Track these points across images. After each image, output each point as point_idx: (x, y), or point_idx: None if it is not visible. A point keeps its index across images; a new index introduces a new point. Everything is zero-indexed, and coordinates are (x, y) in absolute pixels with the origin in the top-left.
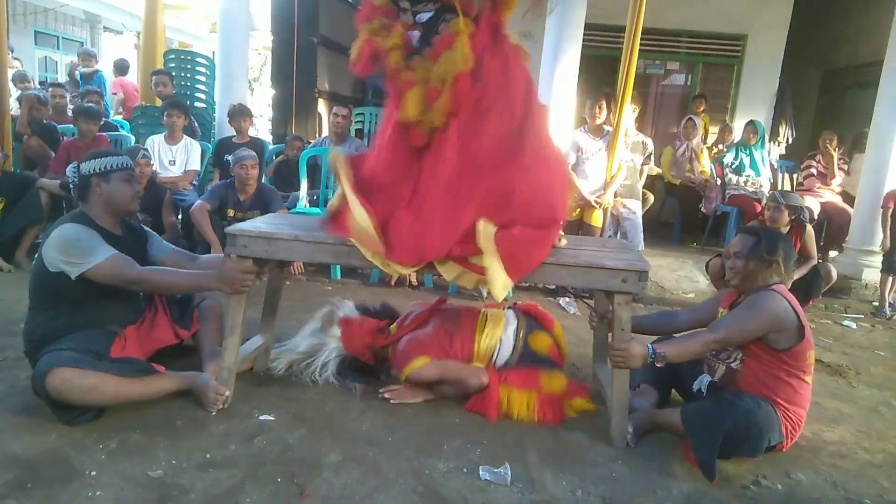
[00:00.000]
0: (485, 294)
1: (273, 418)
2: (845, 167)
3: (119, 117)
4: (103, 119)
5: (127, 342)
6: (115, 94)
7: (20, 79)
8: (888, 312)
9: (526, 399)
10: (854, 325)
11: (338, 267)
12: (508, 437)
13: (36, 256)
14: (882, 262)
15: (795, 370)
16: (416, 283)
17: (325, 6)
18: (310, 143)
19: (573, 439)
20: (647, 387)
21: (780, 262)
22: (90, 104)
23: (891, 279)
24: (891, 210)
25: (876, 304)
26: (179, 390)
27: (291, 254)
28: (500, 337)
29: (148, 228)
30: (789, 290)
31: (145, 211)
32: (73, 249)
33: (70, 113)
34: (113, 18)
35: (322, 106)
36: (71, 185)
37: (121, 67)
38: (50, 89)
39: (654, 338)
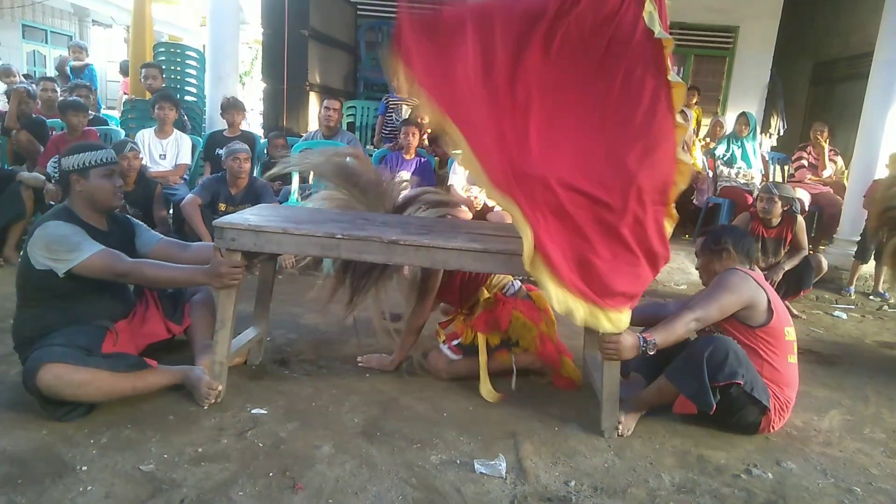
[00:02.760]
0: None
1: (265, 412)
2: (836, 158)
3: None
4: (92, 113)
5: (118, 337)
6: (125, 93)
7: (4, 73)
8: (852, 291)
9: (532, 329)
10: (844, 316)
11: (330, 261)
12: (501, 428)
13: (21, 254)
14: (856, 249)
15: (775, 348)
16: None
17: None
18: (301, 136)
19: (565, 430)
20: (637, 375)
21: (729, 249)
22: (77, 98)
23: (862, 266)
24: (870, 199)
25: (868, 292)
26: (171, 385)
27: (280, 247)
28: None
29: (135, 220)
30: (781, 280)
31: (136, 205)
32: (58, 246)
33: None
34: (102, 12)
35: (313, 99)
36: (52, 181)
37: (126, 68)
38: (40, 83)
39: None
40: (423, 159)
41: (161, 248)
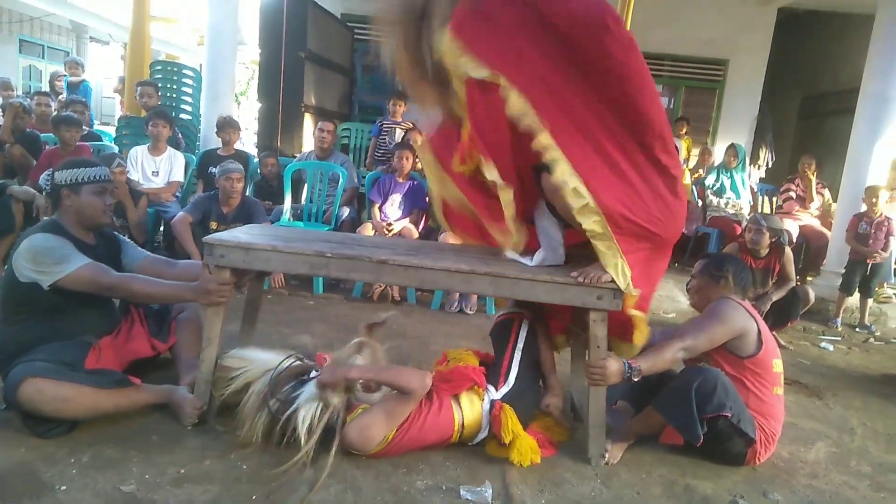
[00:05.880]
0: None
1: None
2: (823, 191)
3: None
4: (86, 128)
5: (102, 353)
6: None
7: (3, 86)
8: (838, 323)
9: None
10: (831, 347)
11: (320, 281)
12: (487, 455)
13: (6, 267)
14: (841, 282)
15: (762, 379)
16: (399, 298)
17: (314, 21)
18: (294, 157)
19: (552, 458)
20: (623, 404)
21: (728, 278)
22: (70, 113)
23: (848, 298)
24: (851, 233)
25: (854, 324)
26: (155, 403)
27: (269, 264)
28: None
29: (122, 237)
30: (768, 311)
31: (118, 216)
32: (44, 258)
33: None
34: (100, 29)
35: (308, 120)
36: (44, 193)
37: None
38: (34, 98)
39: None
40: (415, 182)
41: (147, 264)
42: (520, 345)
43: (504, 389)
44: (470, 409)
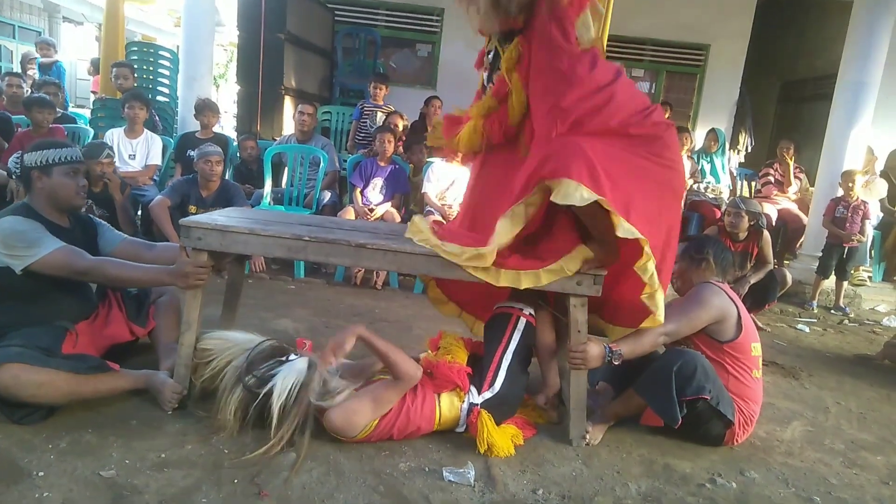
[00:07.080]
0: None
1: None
2: (801, 175)
3: None
4: (59, 111)
5: (79, 338)
6: (94, 92)
7: None
8: (814, 306)
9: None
10: (807, 329)
11: (301, 265)
12: (470, 436)
13: None
14: (817, 265)
15: (741, 363)
16: (381, 285)
17: (293, 3)
18: (274, 140)
19: (534, 439)
20: (604, 385)
21: (709, 260)
22: (42, 94)
23: (823, 281)
24: (828, 218)
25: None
26: (134, 388)
27: (246, 247)
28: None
29: (98, 219)
30: (746, 293)
31: (103, 206)
32: (16, 242)
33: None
34: (73, 9)
35: (288, 103)
36: (13, 177)
37: (98, 66)
38: (5, 79)
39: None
40: (397, 166)
41: (125, 247)
42: (512, 346)
43: (487, 395)
44: (448, 409)
